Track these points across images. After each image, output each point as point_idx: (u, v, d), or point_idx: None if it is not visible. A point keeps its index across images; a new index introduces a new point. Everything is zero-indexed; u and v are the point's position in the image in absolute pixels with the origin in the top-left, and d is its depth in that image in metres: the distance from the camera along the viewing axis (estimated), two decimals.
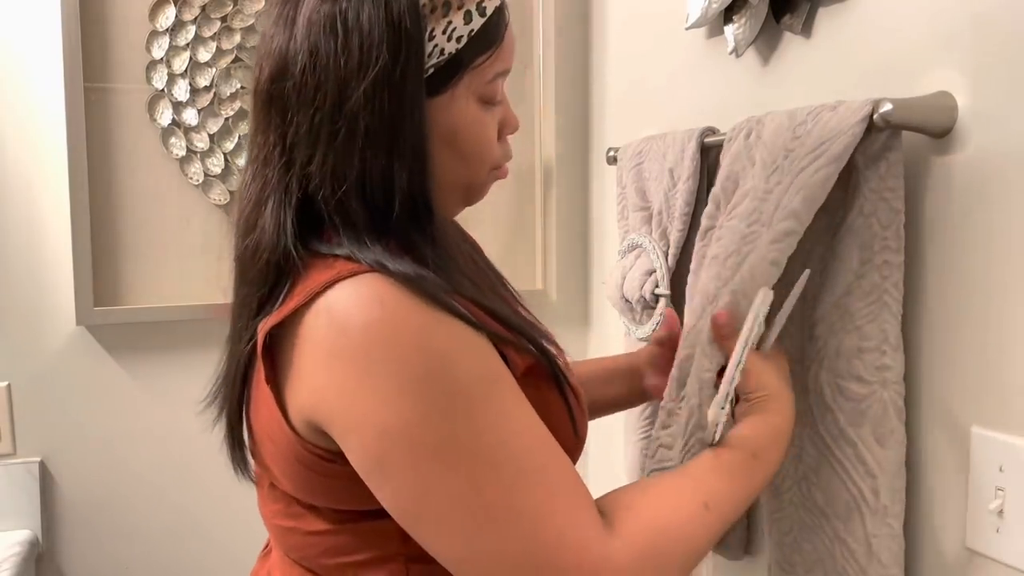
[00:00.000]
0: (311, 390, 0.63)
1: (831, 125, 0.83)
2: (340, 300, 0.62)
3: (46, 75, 1.30)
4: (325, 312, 0.62)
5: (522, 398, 0.65)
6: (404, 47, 0.64)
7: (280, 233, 0.67)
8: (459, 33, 0.67)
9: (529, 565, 0.61)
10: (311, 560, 0.73)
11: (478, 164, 0.73)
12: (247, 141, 0.74)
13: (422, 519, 0.63)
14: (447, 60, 0.67)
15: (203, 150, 1.38)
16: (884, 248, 0.82)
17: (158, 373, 1.38)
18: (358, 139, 0.64)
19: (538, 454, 0.64)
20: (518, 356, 0.69)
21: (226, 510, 1.43)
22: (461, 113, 0.69)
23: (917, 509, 0.86)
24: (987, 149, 0.78)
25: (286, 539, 0.75)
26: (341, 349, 0.61)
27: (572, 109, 1.58)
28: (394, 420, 0.60)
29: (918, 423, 0.86)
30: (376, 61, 0.63)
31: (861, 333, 0.84)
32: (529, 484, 0.62)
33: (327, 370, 0.62)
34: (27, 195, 1.31)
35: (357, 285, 0.62)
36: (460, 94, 0.69)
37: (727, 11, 1.09)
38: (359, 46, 0.63)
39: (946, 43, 0.82)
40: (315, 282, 0.64)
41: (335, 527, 0.70)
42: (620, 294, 1.20)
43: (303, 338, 0.63)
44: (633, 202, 1.21)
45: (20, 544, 1.27)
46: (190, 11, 1.36)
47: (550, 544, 0.61)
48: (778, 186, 0.87)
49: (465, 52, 0.67)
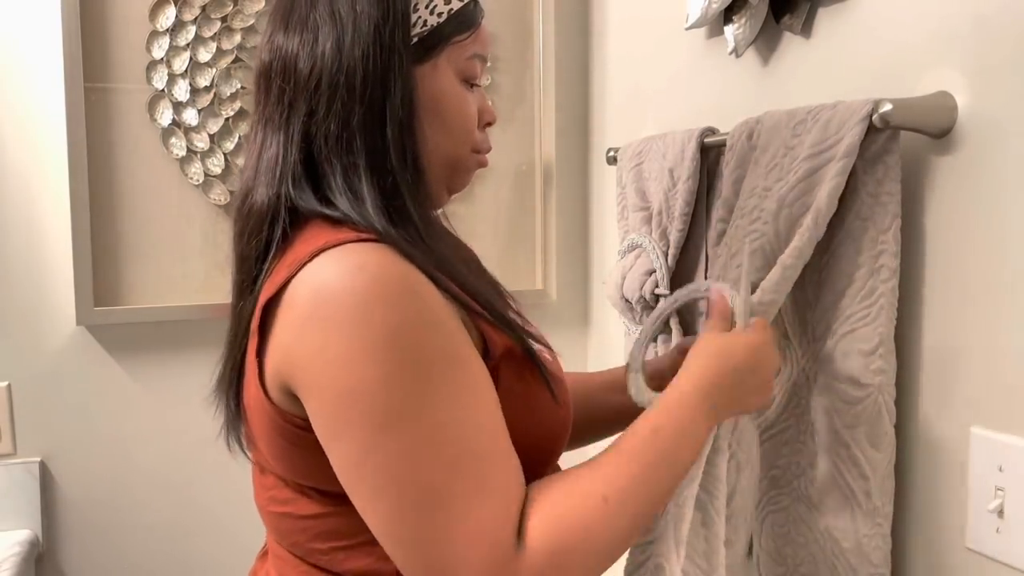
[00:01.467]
0: (284, 353, 0.66)
1: (833, 123, 0.83)
2: (322, 269, 0.64)
3: (46, 75, 1.30)
4: (307, 282, 0.65)
5: (482, 386, 0.66)
6: (391, 12, 0.72)
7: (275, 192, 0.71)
8: (440, 10, 0.74)
9: (439, 552, 0.62)
10: (302, 546, 0.74)
11: (460, 136, 0.78)
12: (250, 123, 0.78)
13: (358, 484, 0.64)
14: (429, 31, 0.74)
15: (203, 150, 1.38)
16: (882, 252, 0.82)
17: (158, 373, 1.38)
18: (356, 88, 0.70)
19: (480, 445, 0.64)
20: (496, 335, 0.70)
21: (226, 509, 1.43)
22: (443, 83, 0.76)
23: (917, 509, 0.86)
24: (987, 149, 0.78)
25: (279, 526, 0.76)
26: (314, 312, 0.63)
27: (572, 109, 1.58)
28: (351, 383, 0.62)
29: (918, 423, 0.86)
30: (368, 22, 0.71)
31: (857, 336, 0.84)
32: (462, 472, 0.63)
33: (299, 333, 0.64)
34: (27, 195, 1.31)
35: (341, 254, 0.65)
36: (442, 66, 0.75)
37: (727, 11, 1.09)
38: (350, 8, 0.71)
39: (946, 43, 0.82)
40: (302, 252, 0.66)
41: (325, 511, 0.71)
42: (620, 294, 1.20)
43: (285, 307, 0.66)
44: (633, 202, 1.21)
45: (20, 544, 1.27)
46: (190, 11, 1.36)
47: (462, 537, 0.62)
48: (778, 183, 0.87)
49: (445, 27, 0.75)
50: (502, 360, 0.70)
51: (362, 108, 0.70)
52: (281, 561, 0.77)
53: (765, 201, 0.88)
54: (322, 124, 0.70)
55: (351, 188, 0.70)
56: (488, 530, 0.62)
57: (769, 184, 0.88)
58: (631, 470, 0.68)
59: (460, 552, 0.62)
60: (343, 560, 0.72)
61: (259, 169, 0.73)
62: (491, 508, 0.63)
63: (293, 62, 0.72)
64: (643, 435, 0.71)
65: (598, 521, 0.65)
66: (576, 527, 0.65)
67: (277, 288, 0.67)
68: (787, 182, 0.86)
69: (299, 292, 0.65)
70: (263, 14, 1.39)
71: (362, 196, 0.69)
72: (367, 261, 0.64)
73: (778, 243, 0.86)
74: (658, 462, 0.70)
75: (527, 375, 0.72)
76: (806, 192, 0.84)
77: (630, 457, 0.69)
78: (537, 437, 0.73)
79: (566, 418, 0.76)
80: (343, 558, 0.71)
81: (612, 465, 0.69)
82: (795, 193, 0.85)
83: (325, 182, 0.71)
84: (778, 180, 0.87)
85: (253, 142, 0.75)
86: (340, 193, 0.70)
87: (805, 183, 0.84)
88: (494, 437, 0.65)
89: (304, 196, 0.71)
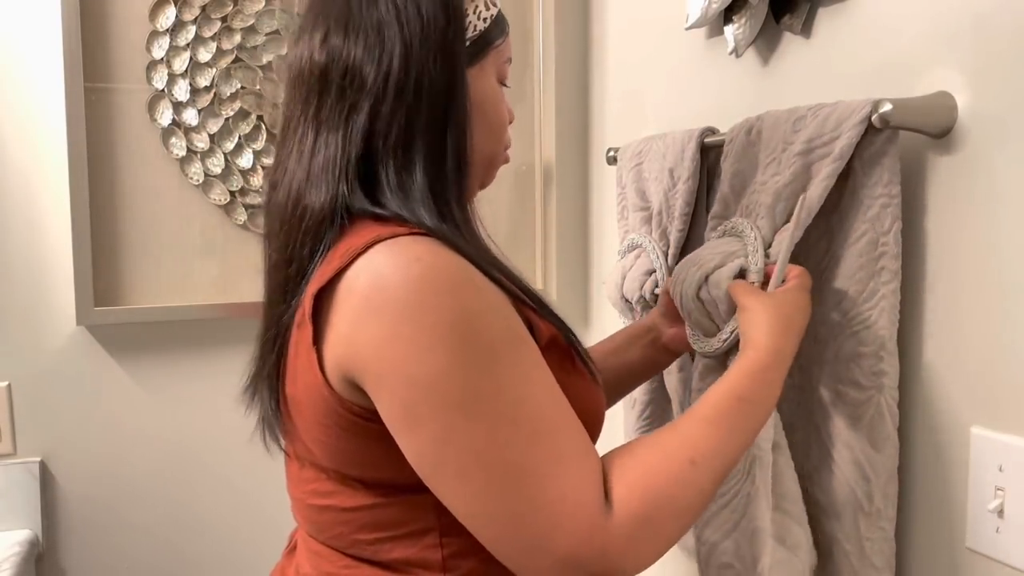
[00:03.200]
0: (347, 344, 0.66)
1: (831, 119, 0.83)
2: (378, 259, 0.65)
3: (46, 75, 1.30)
4: (364, 271, 0.66)
5: (542, 363, 0.68)
6: (453, 16, 0.74)
7: (333, 193, 0.72)
8: (484, 15, 0.78)
9: (532, 524, 0.63)
10: (344, 538, 0.74)
11: (499, 135, 0.82)
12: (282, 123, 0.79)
13: (440, 469, 0.65)
14: (478, 35, 0.77)
15: (203, 150, 1.38)
16: (883, 255, 0.82)
17: (158, 373, 1.38)
18: (423, 93, 0.72)
19: (553, 417, 0.66)
20: (542, 323, 0.72)
21: (226, 510, 1.43)
22: (487, 85, 0.79)
23: (917, 509, 0.86)
24: (987, 149, 0.78)
25: (319, 519, 0.76)
26: (377, 303, 0.64)
27: (572, 109, 1.58)
28: (424, 371, 0.63)
29: (918, 424, 0.86)
30: (434, 25, 0.73)
31: (859, 338, 0.84)
32: (542, 445, 0.64)
33: (363, 324, 0.65)
34: (27, 195, 1.31)
35: (395, 245, 0.66)
36: (487, 68, 0.79)
37: (727, 11, 1.09)
38: (417, 14, 0.73)
39: (946, 43, 0.82)
40: (355, 244, 0.67)
41: (371, 502, 0.72)
42: (620, 294, 1.20)
43: (342, 297, 0.67)
44: (633, 202, 1.21)
45: (20, 544, 1.27)
46: (190, 11, 1.36)
47: (552, 505, 0.63)
48: (774, 177, 0.87)
49: (490, 31, 0.78)
50: (546, 348, 0.71)
51: (428, 111, 0.72)
52: (317, 556, 0.77)
53: (761, 195, 0.88)
54: (384, 124, 0.72)
55: (402, 187, 0.72)
56: (575, 495, 0.63)
57: (765, 178, 0.88)
58: (718, 434, 0.70)
59: (552, 520, 0.63)
60: (389, 550, 0.72)
61: (312, 170, 0.73)
62: (574, 474, 0.64)
63: (358, 66, 0.72)
64: (728, 402, 0.73)
65: (685, 483, 0.67)
66: (664, 489, 0.66)
67: (329, 278, 0.67)
68: (782, 176, 0.86)
69: (356, 282, 0.66)
70: (263, 14, 1.39)
71: (413, 195, 0.71)
72: (422, 253, 0.65)
73: (772, 237, 0.87)
74: (744, 426, 0.72)
75: (567, 363, 0.74)
76: (799, 189, 0.85)
77: (716, 422, 0.71)
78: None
79: (603, 401, 0.79)
80: (389, 548, 0.72)
81: (697, 430, 0.71)
82: (791, 188, 0.85)
83: (377, 181, 0.72)
84: (774, 174, 0.88)
85: (300, 142, 0.74)
86: (392, 193, 0.71)
87: (800, 180, 0.85)
88: (562, 409, 0.67)
89: (356, 194, 0.72)
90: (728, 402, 0.73)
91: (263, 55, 1.40)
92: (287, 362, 0.74)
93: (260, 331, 0.79)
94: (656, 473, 0.67)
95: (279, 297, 0.75)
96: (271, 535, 0.96)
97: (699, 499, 0.68)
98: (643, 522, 0.64)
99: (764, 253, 0.85)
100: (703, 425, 0.71)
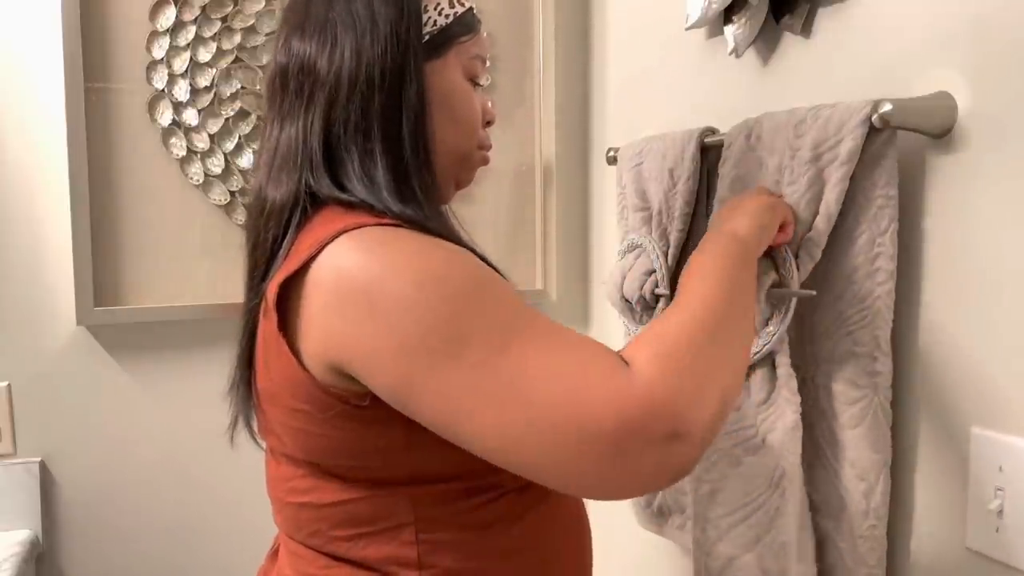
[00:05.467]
0: (327, 334, 0.67)
1: (832, 122, 0.83)
2: (343, 249, 0.67)
3: (46, 75, 1.30)
4: (329, 261, 0.67)
5: (518, 293, 0.68)
6: (405, 12, 0.77)
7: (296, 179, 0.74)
8: (446, 12, 0.80)
9: (566, 421, 0.60)
10: (321, 536, 0.74)
11: (467, 129, 0.83)
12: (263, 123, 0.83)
13: (460, 418, 0.63)
14: (439, 30, 0.80)
15: (203, 150, 1.38)
16: (879, 255, 0.82)
17: (158, 373, 1.38)
18: (375, 79, 0.75)
19: (544, 324, 0.65)
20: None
21: (226, 510, 1.43)
22: (452, 79, 0.81)
23: (917, 509, 0.86)
24: (987, 149, 0.78)
25: (298, 516, 0.76)
26: (347, 289, 0.65)
27: (572, 109, 1.58)
28: (405, 337, 0.63)
29: (918, 424, 0.86)
30: (384, 18, 0.76)
31: (854, 338, 0.84)
32: (544, 348, 0.63)
33: (338, 311, 0.66)
34: (27, 195, 1.31)
35: (362, 235, 0.67)
36: (451, 62, 0.81)
37: (727, 11, 1.09)
38: (367, 11, 0.76)
39: (946, 43, 0.82)
40: (321, 235, 0.68)
41: (347, 496, 0.72)
42: (620, 294, 1.20)
43: (311, 288, 0.68)
44: (633, 202, 1.21)
45: (20, 544, 1.27)
46: (190, 11, 1.36)
47: (577, 392, 0.61)
48: (790, 187, 0.88)
49: (452, 28, 0.80)
50: None
51: (380, 98, 0.74)
52: (296, 557, 0.77)
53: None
54: (341, 113, 0.74)
55: (367, 174, 0.74)
56: (595, 372, 0.61)
57: (783, 189, 0.89)
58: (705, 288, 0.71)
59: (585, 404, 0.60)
60: (364, 547, 0.72)
61: (275, 160, 0.76)
62: (583, 358, 0.63)
63: (312, 62, 0.76)
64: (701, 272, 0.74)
65: (696, 328, 0.66)
66: (670, 329, 0.66)
67: (295, 268, 0.68)
68: (799, 185, 0.86)
69: (322, 274, 0.67)
70: (263, 14, 1.39)
71: (377, 182, 0.73)
72: (388, 239, 0.67)
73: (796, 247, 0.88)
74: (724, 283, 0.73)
75: None
76: (816, 195, 0.85)
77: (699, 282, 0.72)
78: None
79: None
80: (364, 545, 0.72)
81: (687, 294, 0.72)
82: (808, 196, 0.86)
83: (342, 168, 0.74)
84: (790, 184, 0.88)
85: (268, 139, 0.78)
86: (357, 179, 0.74)
87: (816, 187, 0.85)
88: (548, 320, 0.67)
89: (321, 181, 0.74)
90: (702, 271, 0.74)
91: (263, 55, 1.40)
92: (257, 354, 0.75)
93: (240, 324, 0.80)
94: (661, 325, 0.67)
95: (249, 285, 0.78)
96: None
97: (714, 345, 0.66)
98: (664, 358, 0.62)
99: (795, 265, 0.87)
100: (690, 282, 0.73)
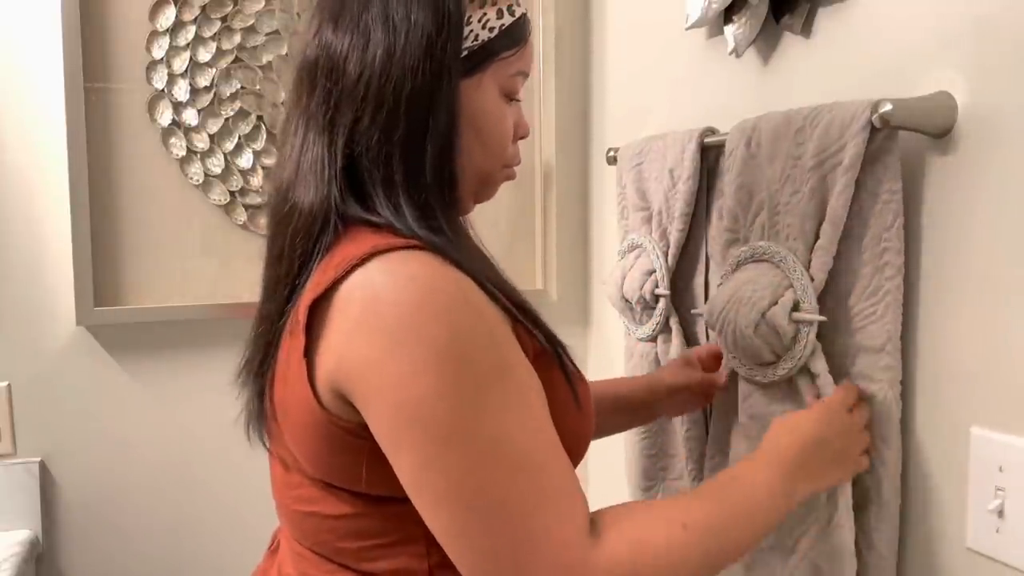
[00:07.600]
0: (339, 359, 0.66)
1: (833, 127, 0.83)
2: (374, 275, 0.65)
3: (46, 75, 1.30)
4: (359, 286, 0.65)
5: (533, 393, 0.67)
6: (447, 24, 0.72)
7: (324, 195, 0.71)
8: (492, 24, 0.75)
9: (511, 556, 0.63)
10: (328, 545, 0.73)
11: (496, 152, 0.79)
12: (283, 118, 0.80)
13: (422, 493, 0.65)
14: (480, 46, 0.74)
15: (203, 150, 1.38)
16: (886, 250, 0.83)
17: (158, 373, 1.38)
18: (402, 101, 0.70)
19: (539, 453, 0.65)
20: (527, 338, 0.71)
21: (226, 510, 1.43)
22: (486, 99, 0.76)
23: (917, 509, 0.86)
24: (987, 149, 0.78)
25: (303, 524, 0.75)
26: (371, 322, 0.64)
27: (572, 109, 1.58)
28: (410, 396, 0.63)
29: (918, 423, 0.86)
30: (422, 32, 0.71)
31: (867, 333, 0.84)
32: (524, 480, 0.63)
33: (356, 341, 0.65)
34: (27, 195, 1.31)
35: (391, 261, 0.65)
36: (487, 81, 0.76)
37: (727, 11, 1.09)
38: (406, 17, 0.71)
39: (946, 43, 0.82)
40: (351, 254, 0.66)
41: (357, 510, 0.71)
42: (620, 294, 1.20)
43: (336, 310, 0.66)
44: (633, 202, 1.21)
45: (20, 544, 1.27)
46: (190, 11, 1.36)
47: (535, 538, 0.62)
48: (795, 196, 0.88)
49: (495, 42, 0.75)
50: (533, 363, 0.70)
51: (405, 123, 0.70)
52: (300, 558, 0.76)
53: (787, 216, 0.89)
54: (365, 134, 0.71)
55: (391, 202, 0.71)
56: (559, 532, 0.63)
57: (787, 198, 0.89)
58: (710, 507, 0.71)
59: (533, 556, 0.62)
60: (374, 559, 0.72)
61: (300, 168, 0.73)
62: (557, 512, 0.64)
63: (342, 64, 0.72)
64: (722, 480, 0.75)
65: (676, 545, 0.67)
66: (652, 541, 0.66)
67: (325, 288, 0.67)
68: (803, 194, 0.87)
69: (351, 297, 0.65)
70: (263, 14, 1.39)
71: (401, 209, 0.70)
72: (417, 271, 0.65)
73: (808, 256, 0.87)
74: (734, 509, 0.72)
75: (554, 379, 0.73)
76: (822, 201, 0.86)
77: (709, 497, 0.72)
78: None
79: (588, 424, 0.77)
80: (374, 556, 0.72)
81: (692, 500, 0.72)
82: (813, 205, 0.86)
83: (367, 191, 0.71)
84: (794, 193, 0.88)
85: (293, 136, 0.75)
86: (382, 205, 0.71)
87: (820, 193, 0.85)
88: (549, 444, 0.66)
89: (348, 202, 0.71)
90: (722, 480, 0.75)
91: (263, 55, 1.40)
92: (277, 365, 0.73)
93: (253, 324, 0.78)
94: (648, 527, 0.67)
95: (269, 295, 0.76)
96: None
97: (684, 567, 0.68)
98: (627, 568, 0.64)
99: (809, 277, 0.86)
100: (698, 496, 0.73)
